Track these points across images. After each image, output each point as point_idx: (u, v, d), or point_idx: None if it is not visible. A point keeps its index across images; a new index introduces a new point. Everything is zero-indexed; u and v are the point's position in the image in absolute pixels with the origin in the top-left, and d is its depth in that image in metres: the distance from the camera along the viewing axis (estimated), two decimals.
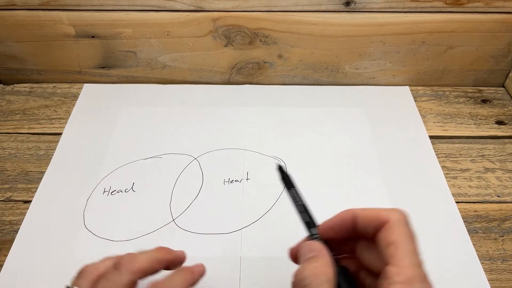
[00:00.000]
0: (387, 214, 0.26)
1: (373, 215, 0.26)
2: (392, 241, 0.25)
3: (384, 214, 0.26)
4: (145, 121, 0.54)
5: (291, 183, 0.33)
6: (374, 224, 0.26)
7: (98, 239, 0.41)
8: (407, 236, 0.25)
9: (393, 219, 0.25)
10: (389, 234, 0.25)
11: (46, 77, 0.60)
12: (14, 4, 0.52)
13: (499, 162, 0.50)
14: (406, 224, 0.26)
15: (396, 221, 0.25)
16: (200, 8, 0.53)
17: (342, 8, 0.52)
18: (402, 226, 0.25)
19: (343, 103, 0.57)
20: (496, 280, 0.39)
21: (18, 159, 0.49)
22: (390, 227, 0.25)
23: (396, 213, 0.26)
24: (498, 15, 0.53)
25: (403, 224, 0.25)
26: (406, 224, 0.26)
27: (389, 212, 0.26)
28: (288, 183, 0.33)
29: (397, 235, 0.25)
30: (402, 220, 0.26)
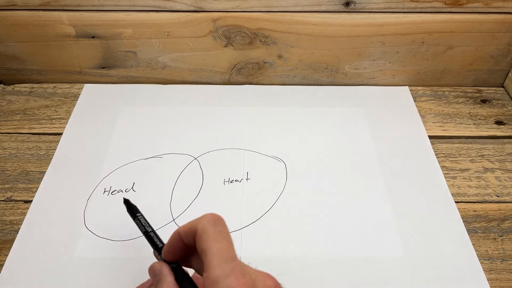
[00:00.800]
0: (195, 224, 0.26)
1: (188, 228, 0.27)
2: (202, 249, 0.25)
3: (194, 224, 0.26)
4: (145, 121, 0.54)
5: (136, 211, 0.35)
6: (191, 236, 0.27)
7: (98, 239, 0.41)
8: (212, 239, 0.25)
9: (199, 227, 0.26)
10: (199, 242, 0.26)
11: (47, 77, 0.60)
12: (14, 4, 0.52)
13: (498, 162, 0.50)
14: (212, 226, 0.26)
15: (201, 228, 0.26)
16: (200, 9, 0.53)
17: (342, 8, 0.52)
18: (207, 231, 0.26)
19: (343, 103, 0.57)
20: (496, 280, 0.39)
21: (18, 159, 0.49)
22: (198, 236, 0.26)
23: (203, 219, 0.26)
24: (498, 15, 0.53)
25: (208, 228, 0.26)
26: (212, 225, 0.26)
27: (198, 220, 0.26)
28: (133, 212, 0.35)
29: (204, 241, 0.25)
30: (208, 224, 0.26)
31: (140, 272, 0.38)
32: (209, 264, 0.24)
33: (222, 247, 0.25)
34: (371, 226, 0.43)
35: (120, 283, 0.38)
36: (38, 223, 0.42)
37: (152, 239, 0.32)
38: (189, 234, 0.27)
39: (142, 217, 0.35)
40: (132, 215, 0.35)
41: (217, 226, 0.26)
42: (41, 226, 0.42)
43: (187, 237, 0.27)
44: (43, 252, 0.40)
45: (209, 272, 0.24)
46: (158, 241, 0.32)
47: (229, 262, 0.24)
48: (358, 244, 0.41)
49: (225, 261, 0.24)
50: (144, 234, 0.33)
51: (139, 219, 0.34)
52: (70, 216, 0.43)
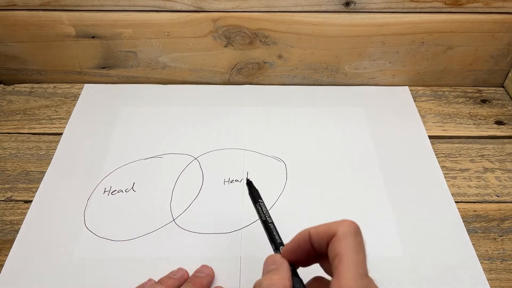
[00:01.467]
0: (335, 227, 0.26)
1: (323, 230, 0.26)
2: (337, 253, 0.25)
3: (333, 227, 0.26)
4: (145, 121, 0.54)
5: (258, 197, 0.34)
6: (325, 238, 0.26)
7: (98, 239, 0.41)
8: (352, 247, 0.25)
9: (340, 231, 0.25)
10: (335, 246, 0.25)
11: (47, 77, 0.60)
12: (14, 4, 0.52)
13: (498, 162, 0.50)
14: (353, 235, 0.25)
15: (343, 233, 0.25)
16: (200, 9, 0.53)
17: (342, 8, 0.52)
18: (348, 238, 0.25)
19: (343, 103, 0.57)
20: (496, 280, 0.39)
21: (18, 159, 0.49)
22: (336, 240, 0.25)
23: (344, 224, 0.26)
24: (498, 15, 0.53)
25: (349, 235, 0.25)
26: (354, 235, 0.25)
27: (338, 224, 0.26)
28: (254, 198, 0.34)
29: (342, 247, 0.25)
30: (350, 232, 0.25)
31: (140, 272, 0.38)
32: (343, 272, 0.24)
33: (360, 260, 0.25)
34: (371, 226, 0.43)
35: (120, 283, 0.38)
36: (38, 223, 0.42)
37: (271, 232, 0.31)
38: (324, 236, 0.26)
39: (264, 205, 0.33)
40: (254, 200, 0.34)
41: (358, 237, 0.25)
42: (41, 226, 0.42)
43: (319, 239, 0.26)
44: (43, 252, 0.40)
45: (342, 281, 0.23)
46: (277, 235, 0.31)
47: (364, 278, 0.24)
48: None
49: (360, 276, 0.24)
50: (263, 223, 0.32)
51: (260, 205, 0.33)
52: (70, 216, 0.43)
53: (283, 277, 0.26)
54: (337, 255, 0.25)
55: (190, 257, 0.40)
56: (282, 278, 0.26)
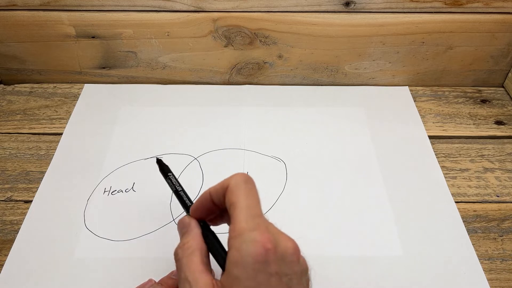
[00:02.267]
0: (228, 180, 0.28)
1: (219, 185, 0.28)
2: (231, 202, 0.27)
3: (226, 181, 0.28)
4: (145, 121, 0.54)
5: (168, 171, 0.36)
6: (221, 193, 0.28)
7: (98, 239, 0.41)
8: (243, 193, 0.27)
9: (232, 182, 0.27)
10: (229, 197, 0.27)
11: (47, 77, 0.60)
12: (14, 4, 0.52)
13: (498, 162, 0.50)
14: (244, 183, 0.27)
15: (234, 183, 0.27)
16: (200, 9, 0.53)
17: (341, 8, 0.53)
18: (239, 186, 0.27)
19: (343, 103, 0.57)
20: (496, 280, 0.39)
21: (18, 159, 0.49)
22: (229, 190, 0.27)
23: (235, 176, 0.28)
24: (498, 15, 0.53)
25: (240, 184, 0.27)
26: (244, 182, 0.27)
27: (230, 177, 0.28)
28: (164, 172, 0.36)
29: (235, 195, 0.27)
30: (240, 181, 0.27)
31: (140, 272, 0.38)
32: (236, 217, 0.26)
33: (251, 203, 0.26)
34: (371, 226, 0.43)
35: (120, 283, 0.38)
36: (38, 223, 0.42)
37: (182, 198, 0.33)
38: (220, 191, 0.28)
39: (173, 177, 0.35)
40: (164, 174, 0.36)
41: (247, 184, 0.28)
42: (41, 226, 0.42)
43: (217, 195, 0.28)
44: (43, 252, 0.40)
45: (236, 224, 0.25)
46: (187, 199, 0.33)
47: (256, 218, 0.26)
48: (358, 243, 0.41)
49: (252, 217, 0.26)
50: (175, 193, 0.34)
51: (170, 178, 0.35)
52: (70, 216, 0.43)
53: (194, 236, 0.29)
54: (231, 204, 0.27)
55: None
56: (194, 238, 0.29)
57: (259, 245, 0.24)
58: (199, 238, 0.29)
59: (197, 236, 0.29)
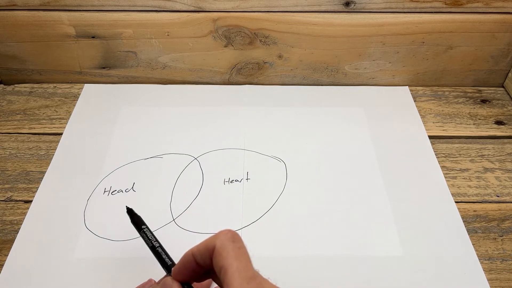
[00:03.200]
0: (213, 241, 0.26)
1: (203, 247, 0.27)
2: (221, 266, 0.25)
3: (212, 241, 0.26)
4: (145, 121, 0.54)
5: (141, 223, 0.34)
6: (207, 255, 0.26)
7: (98, 239, 0.41)
8: (232, 256, 0.25)
9: (218, 243, 0.26)
10: (217, 260, 0.25)
11: (47, 77, 0.60)
12: (14, 4, 0.52)
13: (498, 162, 0.50)
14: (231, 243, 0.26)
15: (220, 245, 0.26)
16: (200, 9, 0.53)
17: (341, 8, 0.53)
18: (227, 247, 0.25)
19: (343, 103, 0.57)
20: (496, 280, 0.39)
21: (18, 159, 0.49)
22: (217, 253, 0.26)
23: (220, 235, 0.26)
24: (498, 15, 0.53)
25: (227, 245, 0.26)
26: (231, 242, 0.26)
27: (215, 237, 0.26)
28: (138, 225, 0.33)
29: (223, 258, 0.25)
30: (227, 241, 0.26)
31: (140, 272, 0.38)
32: (229, 283, 0.24)
33: (242, 266, 0.25)
34: (371, 226, 0.43)
35: (120, 283, 0.38)
36: (38, 223, 0.42)
37: (160, 256, 0.31)
38: (205, 253, 0.26)
39: (148, 230, 0.33)
40: (137, 227, 0.34)
41: (235, 243, 0.26)
42: (41, 226, 0.42)
43: (202, 256, 0.27)
44: (43, 252, 0.40)
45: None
46: (167, 258, 0.31)
47: (250, 282, 0.24)
48: (357, 243, 0.41)
49: (246, 281, 0.24)
50: (151, 249, 0.32)
51: (145, 232, 0.33)
52: (70, 216, 0.43)
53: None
54: (221, 268, 0.25)
55: None
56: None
57: None
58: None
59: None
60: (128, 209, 0.35)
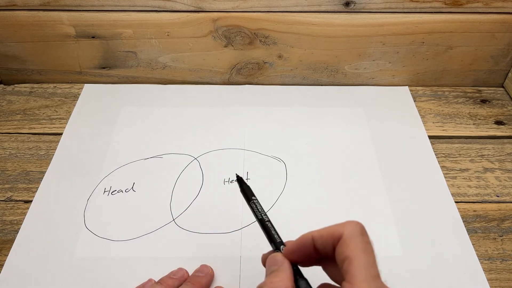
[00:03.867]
0: (340, 229, 0.25)
1: (328, 233, 0.26)
2: (346, 256, 0.24)
3: (338, 229, 0.25)
4: (145, 121, 0.54)
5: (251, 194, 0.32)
6: (330, 242, 0.26)
7: (98, 239, 0.41)
8: (360, 248, 0.24)
9: (346, 233, 0.25)
10: (343, 249, 0.25)
11: (47, 77, 0.60)
12: (14, 4, 0.52)
13: (498, 162, 0.50)
14: (360, 236, 0.25)
15: (349, 235, 0.25)
16: (200, 9, 0.53)
17: (341, 8, 0.53)
18: (355, 239, 0.25)
19: (343, 103, 0.57)
20: (496, 280, 0.39)
21: (18, 159, 0.49)
22: (343, 242, 0.25)
23: (350, 225, 0.25)
24: (498, 15, 0.53)
25: (356, 236, 0.25)
26: (360, 235, 0.25)
27: (343, 226, 0.25)
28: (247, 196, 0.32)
29: (350, 249, 0.24)
30: (356, 232, 0.25)
31: (140, 272, 0.38)
32: (354, 275, 0.23)
33: (369, 261, 0.24)
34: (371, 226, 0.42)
35: (120, 283, 0.38)
36: (38, 223, 0.42)
37: (270, 231, 0.30)
38: (329, 239, 0.26)
39: (258, 203, 0.31)
40: (246, 198, 0.32)
41: (364, 237, 0.25)
42: (41, 226, 0.42)
43: (324, 242, 0.26)
44: (43, 252, 0.40)
45: (355, 284, 0.23)
46: (275, 234, 0.30)
47: (376, 280, 0.24)
48: None
49: (372, 278, 0.23)
50: (259, 222, 0.30)
51: (254, 203, 0.31)
52: (70, 216, 0.43)
53: (284, 279, 0.26)
54: (346, 258, 0.24)
55: (190, 257, 0.40)
56: (283, 280, 0.26)
57: None
58: (289, 282, 0.25)
59: (287, 279, 0.26)
60: (238, 177, 0.33)
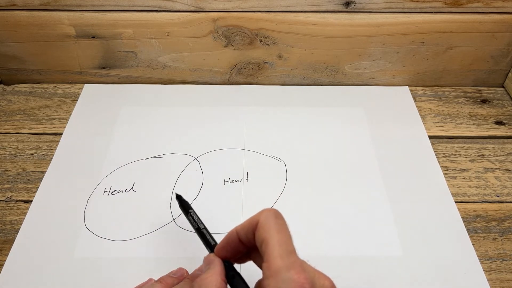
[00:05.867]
0: (257, 217, 0.27)
1: (247, 223, 0.28)
2: (262, 239, 0.26)
3: (255, 218, 0.27)
4: (145, 121, 0.54)
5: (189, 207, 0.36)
6: (251, 230, 0.27)
7: (98, 239, 0.41)
8: (274, 229, 0.26)
9: (262, 219, 0.27)
10: (260, 233, 0.26)
11: (47, 77, 0.60)
12: (14, 4, 0.52)
13: (498, 162, 0.50)
14: (274, 218, 0.27)
15: (264, 219, 0.27)
16: (200, 9, 0.53)
17: (341, 8, 0.53)
18: (269, 221, 0.26)
19: (343, 103, 0.57)
20: (496, 280, 0.39)
21: (18, 159, 0.49)
22: (260, 226, 0.26)
23: (265, 212, 0.27)
24: (498, 15, 0.53)
25: (270, 219, 0.26)
26: (274, 218, 0.27)
27: (259, 214, 0.27)
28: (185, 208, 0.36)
29: (265, 231, 0.26)
30: (270, 216, 0.27)
31: (140, 272, 0.38)
32: (270, 254, 0.25)
33: (283, 239, 0.25)
34: (371, 226, 0.43)
35: (120, 283, 0.38)
36: (38, 223, 0.42)
37: (205, 236, 0.33)
38: (249, 228, 0.27)
39: (195, 214, 0.35)
40: (185, 211, 0.36)
41: (278, 219, 0.27)
42: (41, 226, 0.42)
43: (246, 233, 0.28)
44: (43, 252, 0.40)
45: (270, 262, 0.24)
46: (210, 238, 0.33)
47: (290, 255, 0.25)
48: (357, 243, 0.41)
49: (286, 253, 0.25)
50: (197, 231, 0.34)
51: (191, 215, 0.35)
52: (70, 216, 0.43)
53: (215, 273, 0.28)
54: (263, 241, 0.26)
55: (190, 257, 0.40)
56: (214, 274, 0.28)
57: (297, 286, 0.23)
58: (219, 276, 0.28)
59: (217, 273, 0.28)
60: (177, 196, 0.38)
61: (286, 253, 0.25)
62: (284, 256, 0.24)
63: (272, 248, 0.25)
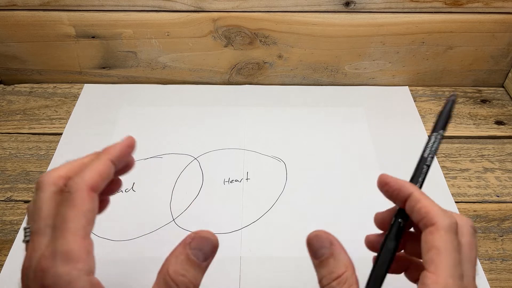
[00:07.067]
0: (436, 217, 0.25)
1: (425, 212, 0.26)
2: (434, 247, 0.24)
3: (434, 216, 0.25)
4: (145, 121, 0.54)
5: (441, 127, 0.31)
6: (423, 221, 0.25)
7: (98, 239, 0.41)
8: (450, 244, 0.24)
9: (441, 224, 0.24)
10: (433, 238, 0.24)
11: (47, 77, 0.60)
12: (14, 4, 0.52)
13: (498, 162, 0.50)
14: (453, 233, 0.24)
15: (442, 227, 0.24)
16: (200, 9, 0.53)
17: (342, 8, 0.53)
18: (448, 234, 0.24)
19: (343, 103, 0.57)
20: (496, 280, 0.39)
21: (18, 159, 0.49)
22: (435, 231, 0.24)
23: (446, 218, 0.25)
24: (498, 15, 0.53)
25: (449, 232, 0.24)
26: (453, 233, 0.24)
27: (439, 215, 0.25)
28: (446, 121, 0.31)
29: (440, 241, 0.24)
30: (450, 228, 0.24)
31: (141, 272, 0.38)
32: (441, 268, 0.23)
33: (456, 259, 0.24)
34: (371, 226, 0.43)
35: (121, 283, 0.38)
36: None
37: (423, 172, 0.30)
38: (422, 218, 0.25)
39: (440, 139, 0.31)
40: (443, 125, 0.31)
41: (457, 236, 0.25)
42: None
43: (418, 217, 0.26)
44: None
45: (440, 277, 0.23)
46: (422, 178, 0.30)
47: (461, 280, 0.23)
48: (357, 244, 0.41)
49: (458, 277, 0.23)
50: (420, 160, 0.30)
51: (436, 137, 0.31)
52: None
53: None
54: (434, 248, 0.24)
55: None
56: None
57: None
58: None
59: None
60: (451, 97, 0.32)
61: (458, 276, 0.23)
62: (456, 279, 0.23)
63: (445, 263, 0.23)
